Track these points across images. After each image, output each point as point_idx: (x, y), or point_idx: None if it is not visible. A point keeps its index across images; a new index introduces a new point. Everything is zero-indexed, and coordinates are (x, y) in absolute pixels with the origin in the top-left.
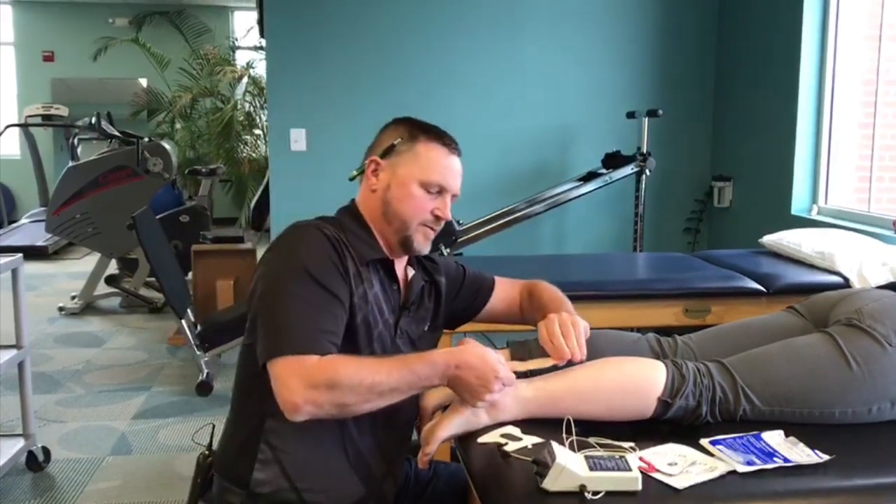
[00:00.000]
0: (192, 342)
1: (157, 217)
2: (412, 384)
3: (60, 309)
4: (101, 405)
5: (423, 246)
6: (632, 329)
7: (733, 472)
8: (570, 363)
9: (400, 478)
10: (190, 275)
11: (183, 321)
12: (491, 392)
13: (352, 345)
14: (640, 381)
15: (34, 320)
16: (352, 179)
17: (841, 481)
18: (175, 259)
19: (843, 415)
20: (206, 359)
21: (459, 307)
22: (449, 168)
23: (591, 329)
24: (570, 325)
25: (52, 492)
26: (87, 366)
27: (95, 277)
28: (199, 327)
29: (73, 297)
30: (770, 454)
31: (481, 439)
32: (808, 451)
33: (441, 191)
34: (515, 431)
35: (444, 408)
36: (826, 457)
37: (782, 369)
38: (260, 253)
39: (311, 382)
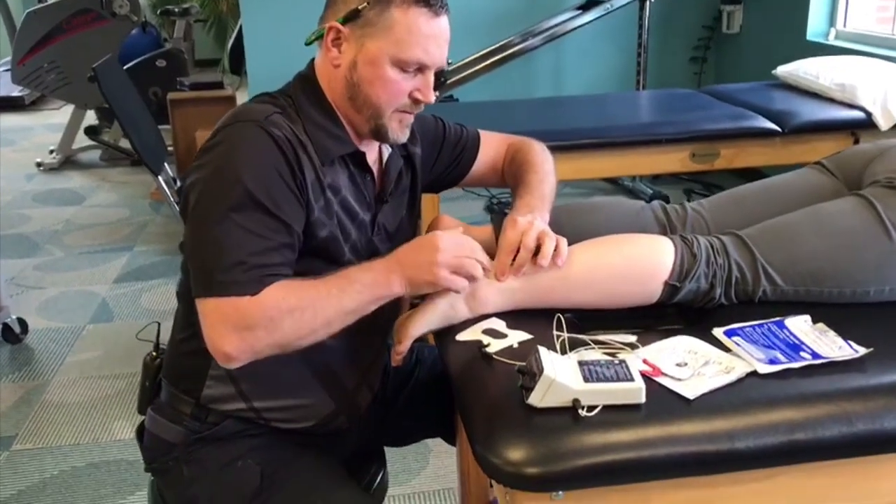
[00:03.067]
0: (172, 199)
1: (133, 63)
2: (363, 300)
3: (38, 164)
4: (82, 268)
5: (400, 135)
6: (634, 178)
7: (753, 374)
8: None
9: (376, 384)
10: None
11: (159, 177)
12: (469, 273)
13: (320, 263)
14: (644, 264)
15: (11, 177)
16: (308, 44)
17: (880, 378)
18: (146, 110)
19: (878, 293)
20: None
21: (441, 171)
22: (432, 38)
23: (589, 200)
24: (524, 241)
25: (31, 365)
26: (66, 225)
27: (72, 129)
28: (178, 182)
29: (52, 152)
30: (796, 347)
31: (461, 336)
32: (839, 341)
33: (422, 68)
34: (499, 326)
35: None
36: (862, 350)
37: (809, 242)
38: (241, 99)
39: (245, 325)
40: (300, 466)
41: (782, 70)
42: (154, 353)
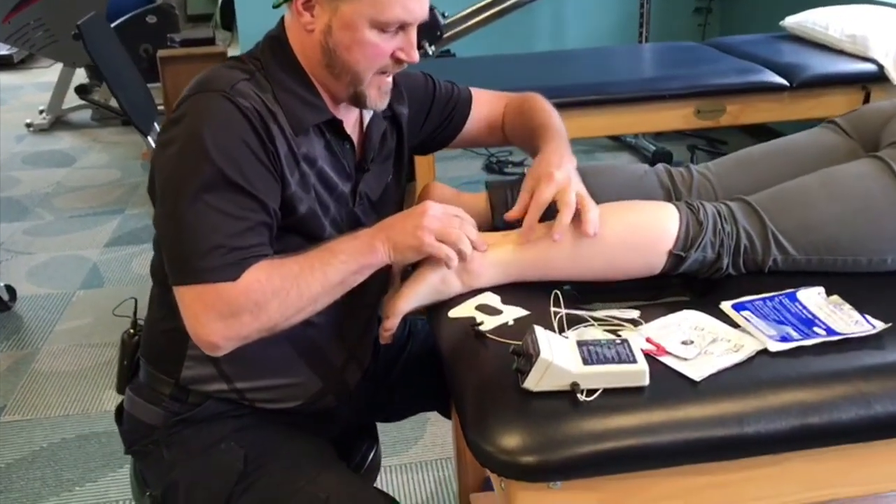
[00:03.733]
0: None
1: (122, 19)
2: (348, 271)
3: (28, 125)
4: (72, 232)
5: (378, 102)
6: (637, 134)
7: (764, 352)
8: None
9: (366, 360)
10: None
11: (149, 137)
12: (453, 242)
13: (299, 239)
14: (647, 233)
15: (0, 139)
16: (276, 7)
17: None
18: (135, 69)
19: None
20: None
21: (431, 131)
22: None
23: (590, 164)
24: (564, 199)
25: (20, 333)
26: (56, 188)
27: (62, 89)
28: None
29: (42, 112)
30: (809, 322)
31: (453, 313)
32: (856, 315)
33: (403, 26)
34: (494, 301)
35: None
36: (880, 324)
37: (823, 208)
38: (232, 54)
39: (230, 312)
40: (286, 448)
41: (790, 21)
42: (132, 331)
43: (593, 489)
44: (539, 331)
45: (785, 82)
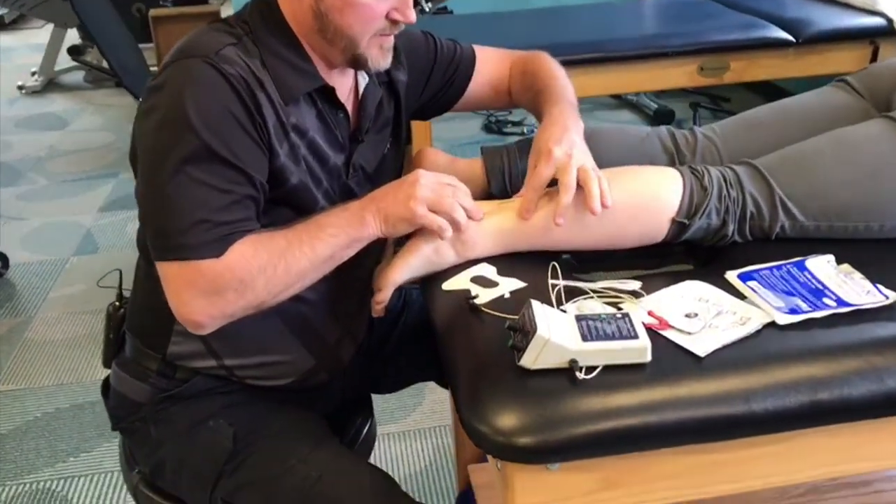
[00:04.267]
0: None
1: None
2: (338, 245)
3: (20, 87)
4: (66, 197)
5: (382, 61)
6: (638, 94)
7: (771, 325)
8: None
9: (360, 335)
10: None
11: (141, 100)
12: (450, 213)
13: (290, 212)
14: (649, 200)
15: None
16: None
17: None
18: (126, 29)
19: None
20: None
21: (431, 96)
22: None
23: (590, 126)
24: (564, 181)
25: (13, 301)
26: (50, 152)
27: (54, 50)
28: None
29: (34, 74)
30: (819, 293)
31: (447, 285)
32: (867, 285)
33: None
34: (489, 272)
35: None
36: (893, 294)
37: (834, 172)
38: (226, 14)
39: (213, 290)
40: (276, 425)
41: None
42: (117, 303)
43: (593, 470)
44: (536, 305)
45: (790, 38)
